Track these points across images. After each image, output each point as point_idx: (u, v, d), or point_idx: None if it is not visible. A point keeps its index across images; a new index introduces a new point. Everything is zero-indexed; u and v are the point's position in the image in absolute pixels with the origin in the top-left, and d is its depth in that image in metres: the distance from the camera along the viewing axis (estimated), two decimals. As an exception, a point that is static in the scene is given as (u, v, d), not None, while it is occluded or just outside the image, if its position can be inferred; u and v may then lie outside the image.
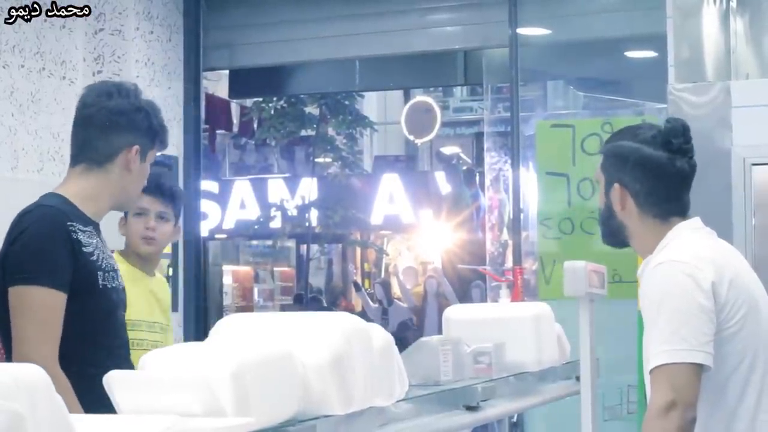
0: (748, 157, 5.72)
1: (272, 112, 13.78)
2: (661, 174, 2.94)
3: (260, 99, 13.45)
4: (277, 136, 14.08)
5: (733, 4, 6.60)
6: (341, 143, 14.63)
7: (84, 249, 3.04)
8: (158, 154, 3.37)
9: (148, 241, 4.16)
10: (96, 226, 3.17)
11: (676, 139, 2.94)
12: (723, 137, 5.78)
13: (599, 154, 3.09)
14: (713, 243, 2.96)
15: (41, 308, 2.97)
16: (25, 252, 3.01)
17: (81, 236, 3.05)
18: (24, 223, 3.05)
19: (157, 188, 4.12)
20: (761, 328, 2.86)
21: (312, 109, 14.07)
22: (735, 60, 6.57)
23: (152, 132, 3.24)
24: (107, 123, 3.18)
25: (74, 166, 3.20)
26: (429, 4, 7.80)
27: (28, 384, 1.68)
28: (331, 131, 14.60)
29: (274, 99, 13.50)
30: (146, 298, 4.14)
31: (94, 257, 3.07)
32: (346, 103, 14.02)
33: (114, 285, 3.13)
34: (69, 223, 3.03)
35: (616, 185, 2.97)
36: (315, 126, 14.14)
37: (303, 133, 14.65)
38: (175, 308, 7.81)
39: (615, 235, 3.05)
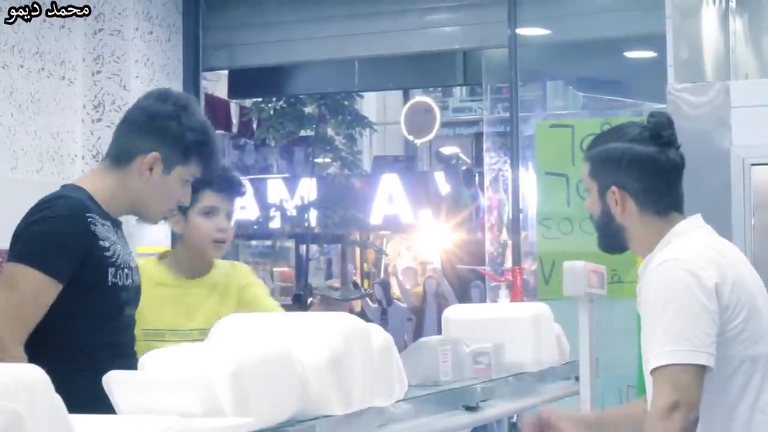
0: (747, 157, 5.72)
1: (272, 112, 13.77)
2: (657, 168, 2.94)
3: (259, 99, 13.44)
4: (277, 136, 14.09)
5: (733, 4, 6.61)
6: (340, 143, 14.63)
7: (100, 242, 3.02)
8: (194, 176, 3.16)
9: (218, 245, 3.72)
10: (115, 222, 3.13)
11: (665, 132, 2.95)
12: (722, 137, 5.78)
13: (586, 162, 3.06)
14: (715, 242, 2.96)
15: (26, 289, 2.94)
16: (37, 235, 2.98)
17: (99, 229, 3.02)
18: (45, 211, 3.02)
19: (229, 184, 3.76)
20: (762, 328, 2.87)
21: (311, 110, 14.07)
22: (734, 60, 6.57)
23: (182, 146, 3.09)
24: (135, 122, 3.15)
25: (102, 161, 3.20)
26: (428, 4, 7.80)
27: (28, 384, 1.68)
28: (330, 131, 14.60)
29: (274, 99, 13.50)
30: (174, 304, 3.72)
31: (109, 252, 3.04)
32: (346, 103, 14.02)
33: (126, 283, 3.10)
34: (89, 215, 3.01)
35: (614, 188, 2.95)
36: (314, 126, 14.14)
37: (302, 133, 14.65)
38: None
39: (614, 239, 3.02)
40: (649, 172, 2.94)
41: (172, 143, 3.09)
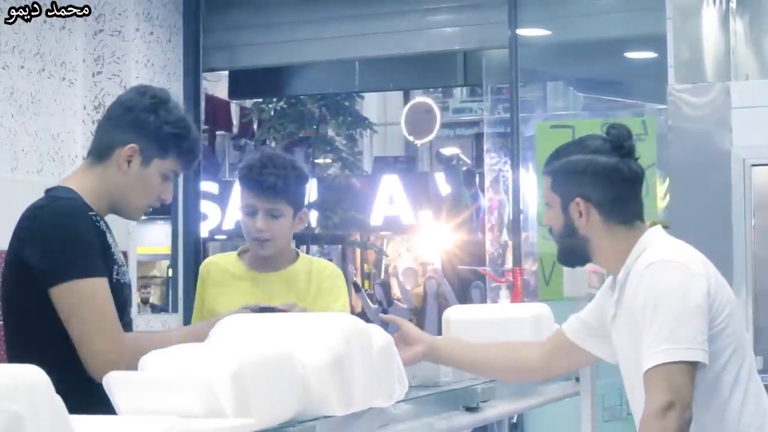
0: (747, 158, 5.72)
1: (272, 113, 13.77)
2: (621, 179, 2.97)
3: (260, 100, 13.44)
4: (277, 137, 14.09)
5: (733, 4, 6.60)
6: (341, 144, 14.63)
7: (106, 240, 3.01)
8: (171, 170, 3.15)
9: (261, 243, 3.74)
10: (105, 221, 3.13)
11: (626, 142, 2.97)
12: (723, 138, 5.78)
13: (547, 176, 3.05)
14: (689, 245, 2.98)
15: (94, 298, 2.91)
16: (57, 248, 2.93)
17: (102, 226, 3.01)
18: (46, 218, 2.98)
19: (258, 184, 3.72)
20: (742, 324, 2.91)
21: (312, 110, 14.07)
22: (735, 61, 6.57)
23: (159, 138, 3.08)
24: (113, 116, 3.14)
25: (85, 159, 3.20)
26: (429, 5, 7.80)
27: (28, 384, 1.68)
28: (330, 132, 14.59)
29: (274, 100, 13.49)
30: (246, 297, 3.68)
31: (112, 250, 3.03)
32: (346, 104, 14.02)
33: (125, 281, 3.10)
34: (92, 213, 3.00)
35: (578, 199, 2.96)
36: (315, 127, 14.14)
37: (303, 134, 14.65)
38: (175, 309, 7.81)
39: (577, 251, 3.04)
40: (614, 182, 2.96)
41: (149, 135, 3.08)
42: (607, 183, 2.95)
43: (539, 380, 3.50)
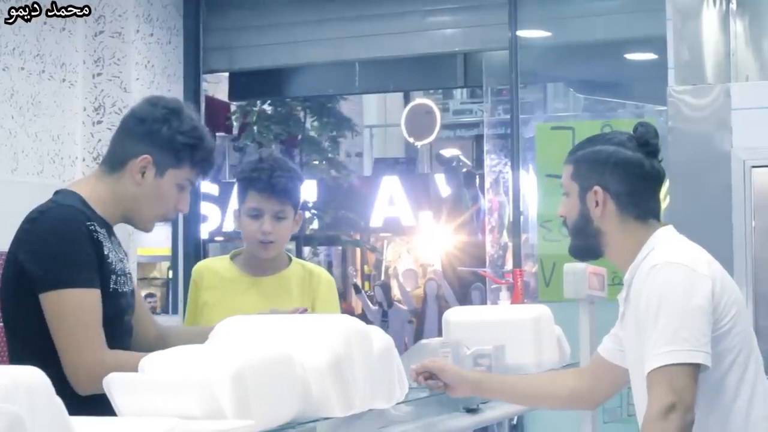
0: (747, 160, 5.71)
1: (255, 117, 13.78)
2: (642, 174, 2.97)
3: (244, 102, 13.43)
4: (262, 140, 14.09)
5: (733, 6, 6.60)
6: (326, 146, 14.68)
7: (103, 250, 3.00)
8: (185, 179, 3.13)
9: (266, 245, 3.75)
10: (109, 228, 3.11)
11: (653, 140, 2.98)
12: (723, 139, 5.78)
13: (569, 165, 3.06)
14: (698, 246, 2.98)
15: (79, 310, 2.91)
16: (50, 255, 2.94)
17: (99, 236, 3.00)
18: (43, 223, 2.99)
19: (270, 186, 3.73)
20: (749, 326, 2.90)
21: (297, 113, 14.10)
22: (735, 62, 6.57)
23: (172, 148, 3.08)
24: (126, 128, 3.15)
25: (98, 168, 3.20)
26: (429, 6, 7.80)
27: (28, 386, 1.68)
28: (315, 134, 14.64)
29: (258, 103, 13.49)
30: (242, 301, 3.74)
31: (109, 260, 3.02)
32: (329, 105, 14.04)
33: (124, 289, 3.09)
34: (89, 223, 2.99)
35: (597, 188, 2.97)
36: (301, 129, 14.17)
37: (288, 136, 14.68)
38: (175, 310, 7.81)
39: (590, 243, 3.03)
40: (635, 175, 2.97)
41: (162, 146, 3.08)
42: (627, 175, 2.96)
43: (589, 408, 3.48)
